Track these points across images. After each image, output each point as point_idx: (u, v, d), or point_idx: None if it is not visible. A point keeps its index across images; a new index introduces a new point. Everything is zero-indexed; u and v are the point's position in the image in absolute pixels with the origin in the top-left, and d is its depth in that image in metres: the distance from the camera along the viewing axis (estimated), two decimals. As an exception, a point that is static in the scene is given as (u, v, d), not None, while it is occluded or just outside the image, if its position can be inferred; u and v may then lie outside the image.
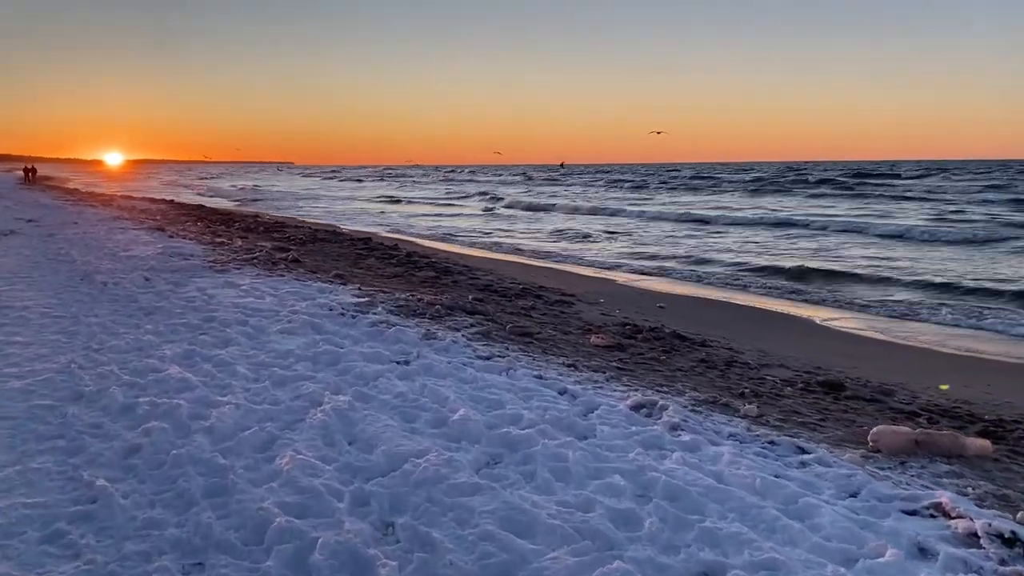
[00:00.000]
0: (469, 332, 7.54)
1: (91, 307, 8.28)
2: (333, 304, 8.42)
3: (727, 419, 5.10)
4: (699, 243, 22.06)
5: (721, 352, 7.80)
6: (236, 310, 7.98)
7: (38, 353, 6.27)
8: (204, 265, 11.58)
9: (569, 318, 9.42)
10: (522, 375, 5.75)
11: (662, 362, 7.07)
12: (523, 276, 14.16)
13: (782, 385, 6.47)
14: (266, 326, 7.27)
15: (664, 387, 5.97)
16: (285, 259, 13.20)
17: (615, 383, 5.92)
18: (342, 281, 10.90)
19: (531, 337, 7.69)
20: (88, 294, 9.11)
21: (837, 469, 3.98)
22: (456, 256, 17.39)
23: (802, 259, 17.75)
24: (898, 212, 31.90)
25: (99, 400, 5.01)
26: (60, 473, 3.86)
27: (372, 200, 48.21)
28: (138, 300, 8.62)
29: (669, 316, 10.26)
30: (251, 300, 8.60)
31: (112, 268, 10.98)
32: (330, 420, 4.48)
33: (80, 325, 7.35)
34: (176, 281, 9.99)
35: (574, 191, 57.11)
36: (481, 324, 8.04)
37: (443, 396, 5.03)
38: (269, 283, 9.96)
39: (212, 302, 8.48)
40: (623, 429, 4.51)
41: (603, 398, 5.26)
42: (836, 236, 22.87)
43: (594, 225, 28.91)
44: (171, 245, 14.23)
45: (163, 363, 5.88)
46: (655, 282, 14.63)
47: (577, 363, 6.55)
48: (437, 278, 12.95)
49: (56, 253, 13.04)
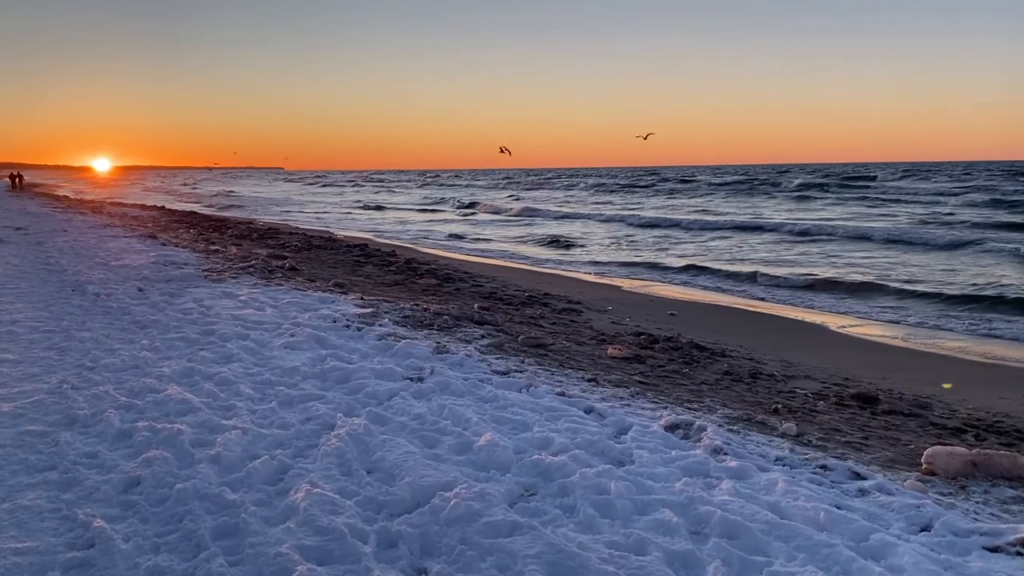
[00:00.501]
0: (481, 344, 7.21)
1: (83, 320, 7.91)
2: (337, 315, 8.07)
3: (767, 439, 4.78)
4: (698, 247, 21.84)
5: (743, 363, 7.49)
6: (236, 323, 7.62)
7: (28, 372, 5.90)
8: (199, 274, 11.21)
9: (580, 327, 9.10)
10: (544, 392, 5.42)
11: (685, 375, 6.76)
12: (525, 283, 13.84)
13: (814, 399, 6.16)
14: (268, 340, 6.92)
15: (693, 404, 5.65)
16: (282, 267, 12.84)
17: (641, 400, 5.59)
18: (342, 290, 10.55)
19: (545, 349, 7.36)
20: (80, 306, 8.74)
21: (901, 498, 3.66)
22: (456, 263, 17.07)
23: (813, 266, 17.50)
24: (886, 215, 31.79)
25: (94, 425, 4.66)
26: (53, 512, 3.51)
27: (347, 206, 47.62)
28: (132, 312, 8.26)
29: (682, 324, 9.96)
30: (251, 312, 8.24)
31: (104, 278, 10.60)
32: (345, 446, 4.14)
33: (72, 340, 6.98)
34: (171, 292, 9.62)
35: (555, 195, 57.09)
36: (492, 335, 7.71)
37: (464, 417, 4.69)
38: (268, 293, 9.60)
39: (210, 314, 8.12)
40: (662, 454, 4.18)
41: (633, 417, 4.93)
42: (840, 243, 22.60)
43: (578, 229, 28.70)
44: (164, 253, 13.83)
45: (161, 382, 5.52)
46: (660, 287, 14.32)
47: (597, 377, 6.22)
48: (439, 286, 12.63)
49: (46, 262, 12.64)
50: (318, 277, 12.32)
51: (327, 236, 22.51)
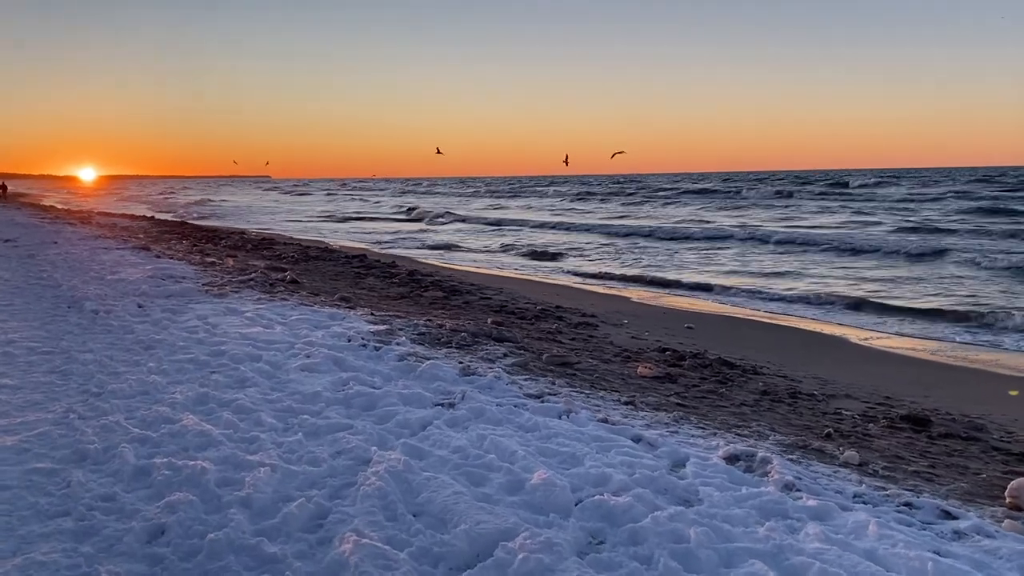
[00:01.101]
0: (505, 364, 6.87)
1: (83, 340, 7.51)
2: (350, 333, 7.70)
3: (831, 470, 4.47)
4: (701, 257, 21.62)
5: (777, 381, 7.18)
6: (246, 342, 7.25)
7: (30, 399, 5.52)
8: (199, 289, 10.81)
9: (601, 343, 8.78)
10: (585, 419, 5.08)
11: (722, 395, 6.44)
12: (533, 294, 13.52)
13: (862, 421, 5.86)
14: (283, 362, 6.55)
15: (741, 429, 5.34)
16: (283, 280, 12.46)
17: (686, 425, 5.27)
18: (350, 305, 10.19)
19: (571, 368, 7.04)
20: (78, 324, 8.34)
21: (1005, 542, 3.35)
22: (459, 274, 16.72)
23: (821, 278, 17.27)
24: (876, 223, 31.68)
25: (108, 462, 4.29)
26: (72, 568, 3.14)
27: (314, 216, 46.88)
28: (134, 331, 7.87)
29: (703, 338, 9.66)
30: (259, 330, 7.87)
31: (101, 293, 10.19)
32: (386, 486, 3.79)
33: (74, 363, 6.59)
34: (173, 308, 9.24)
35: (534, 204, 57.18)
36: (515, 353, 7.37)
37: (508, 450, 4.35)
38: (275, 309, 9.23)
39: (217, 333, 7.74)
40: (732, 491, 3.86)
41: (687, 447, 4.61)
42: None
43: (563, 238, 28.48)
44: (160, 266, 13.41)
45: (175, 411, 5.15)
46: (670, 299, 14.02)
47: (634, 400, 5.89)
48: (446, 298, 12.28)
49: (38, 276, 12.20)
50: (321, 291, 11.96)
51: (323, 247, 22.12)
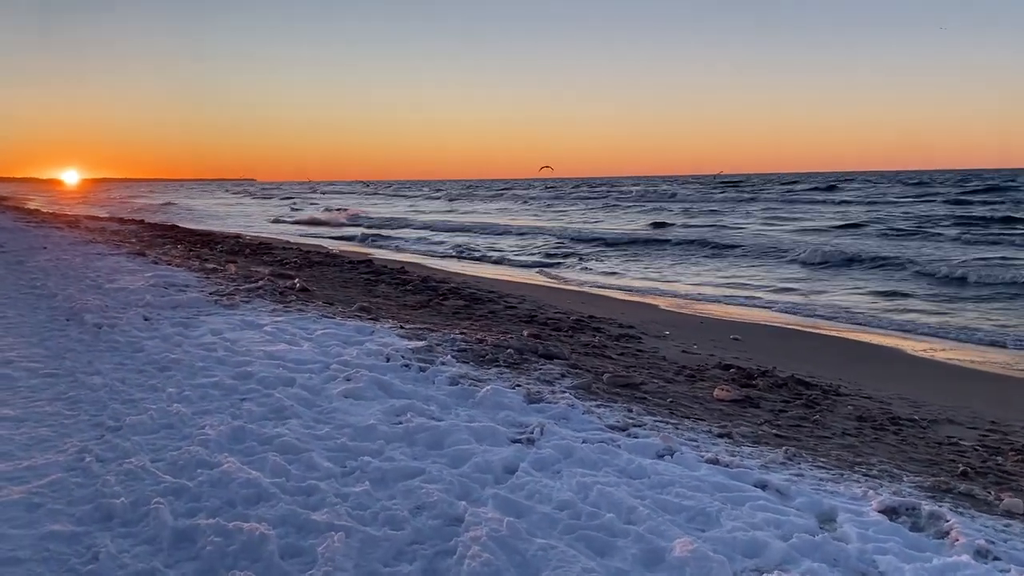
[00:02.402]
0: (567, 386, 6.15)
1: (89, 359, 6.73)
2: (386, 350, 6.94)
3: (1001, 523, 3.78)
4: (710, 265, 21.00)
5: (865, 404, 6.50)
6: (273, 363, 6.48)
7: (36, 435, 4.74)
8: (207, 299, 10.01)
9: (654, 359, 8.07)
10: (691, 459, 4.36)
11: (816, 423, 5.75)
12: (557, 302, 12.80)
13: (987, 454, 5.18)
14: (321, 386, 5.79)
15: (863, 466, 4.64)
16: (293, 288, 11.68)
17: (803, 463, 4.56)
18: (371, 316, 9.43)
19: (639, 390, 6.32)
20: (80, 340, 7.54)
21: None
22: (472, 280, 15.94)
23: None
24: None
25: (140, 522, 3.52)
26: None
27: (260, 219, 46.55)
28: (144, 348, 7.07)
29: (755, 351, 8.97)
30: (284, 347, 7.10)
31: (101, 304, 9.36)
32: (495, 559, 3.06)
33: (81, 388, 5.81)
34: (183, 321, 8.44)
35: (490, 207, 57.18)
36: (572, 373, 6.65)
37: (623, 504, 3.62)
38: (295, 322, 8.45)
39: (238, 350, 6.97)
40: (919, 562, 3.15)
41: (826, 496, 3.90)
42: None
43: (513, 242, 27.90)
44: (160, 273, 12.58)
45: (209, 450, 4.39)
46: (698, 305, 13.33)
47: (729, 431, 5.18)
48: (469, 307, 11.54)
49: (30, 285, 11.35)
50: (335, 300, 11.19)
51: (324, 251, 21.30)
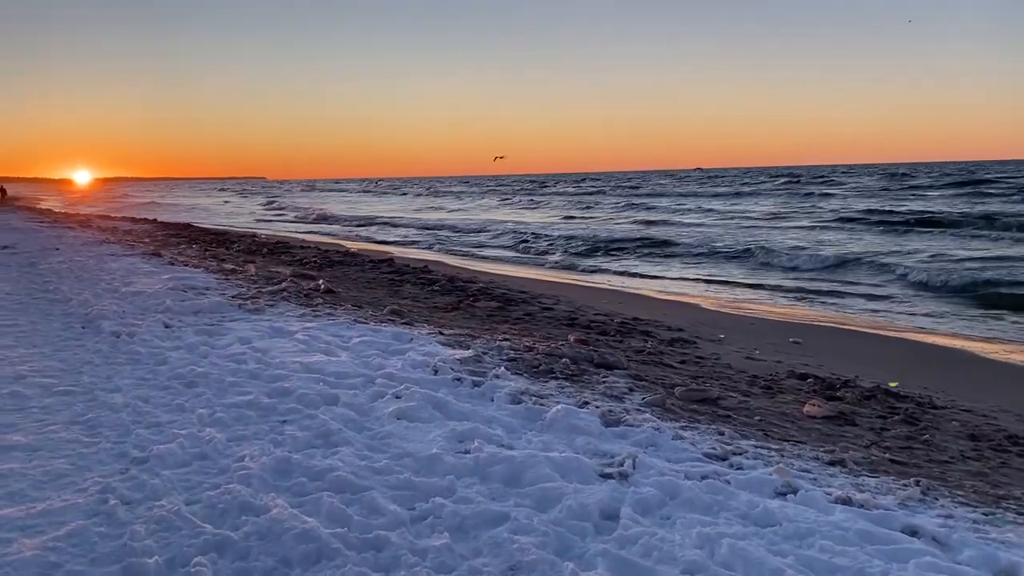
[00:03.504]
0: (639, 403, 5.50)
1: (108, 373, 6.13)
2: (432, 361, 6.31)
3: None
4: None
5: (968, 418, 5.85)
6: (310, 376, 5.86)
7: (51, 469, 4.13)
8: (229, 302, 9.41)
9: (716, 367, 7.42)
10: (818, 499, 3.70)
11: (925, 443, 5.09)
12: (595, 302, 12.15)
13: None
14: (368, 405, 5.17)
15: (1008, 501, 3.98)
16: (317, 290, 11.08)
17: (944, 500, 3.89)
18: (405, 321, 8.81)
19: (718, 406, 5.68)
20: (98, 351, 6.95)
21: None
22: (499, 278, 15.28)
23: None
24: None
25: (179, 588, 2.92)
26: None
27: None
28: (168, 361, 6.47)
29: (820, 354, 8.32)
30: (320, 358, 6.48)
31: (119, 310, 8.78)
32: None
33: (100, 408, 5.20)
34: (206, 328, 7.84)
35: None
36: (639, 387, 6.01)
37: (764, 565, 2.98)
38: (327, 329, 7.83)
39: (270, 362, 6.35)
40: None
41: (1000, 549, 3.24)
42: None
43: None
44: (178, 275, 12.00)
45: (252, 488, 3.77)
46: (744, 305, 12.64)
47: (840, 457, 4.52)
48: (504, 309, 10.92)
49: (43, 288, 10.79)
50: (363, 302, 10.59)
51: (343, 250, 20.71)
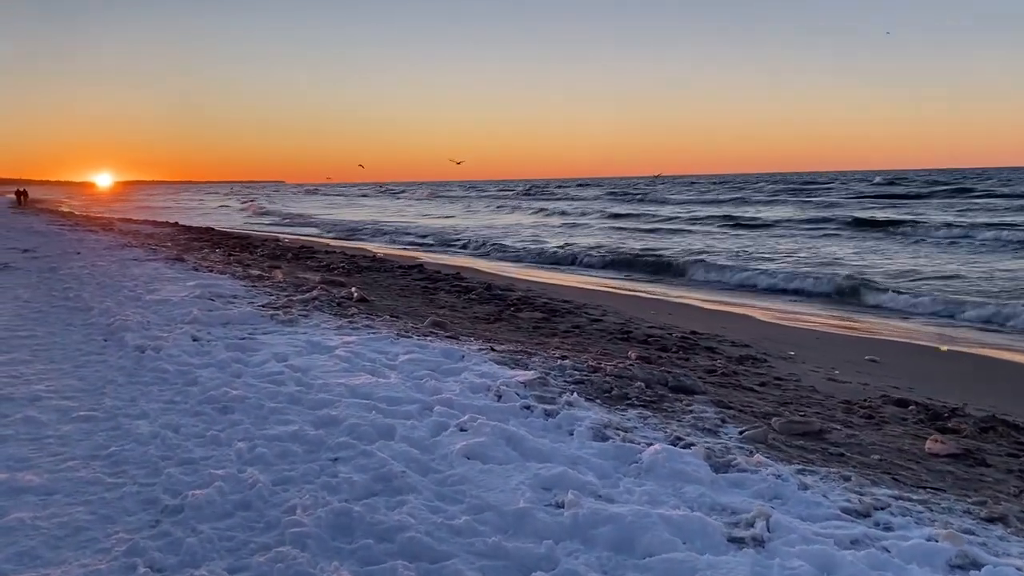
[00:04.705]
0: (736, 437, 4.79)
1: (132, 395, 5.50)
2: (495, 385, 5.61)
3: None
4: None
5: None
6: (360, 403, 5.18)
7: (68, 520, 3.48)
8: (260, 312, 8.78)
9: (801, 390, 6.69)
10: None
11: (1083, 491, 4.34)
12: (639, 312, 11.43)
13: None
14: (430, 440, 4.49)
15: None
16: (350, 298, 10.47)
17: None
18: (449, 334, 8.14)
19: (825, 441, 4.96)
20: (121, 367, 6.33)
21: None
22: (537, 286, 14.60)
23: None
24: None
25: None
26: None
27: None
28: (198, 380, 5.83)
29: (904, 376, 7.60)
30: (367, 379, 5.80)
31: (143, 320, 8.17)
32: None
33: (125, 438, 4.57)
34: (238, 343, 7.20)
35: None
36: (731, 417, 5.29)
37: None
38: (369, 343, 7.17)
39: (311, 383, 5.70)
40: None
41: None
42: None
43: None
44: (203, 282, 11.40)
45: (310, 554, 3.09)
46: (801, 318, 11.85)
47: (998, 512, 3.79)
48: (549, 321, 10.25)
49: (63, 296, 10.22)
50: (399, 311, 9.96)
51: (370, 255, 20.12)
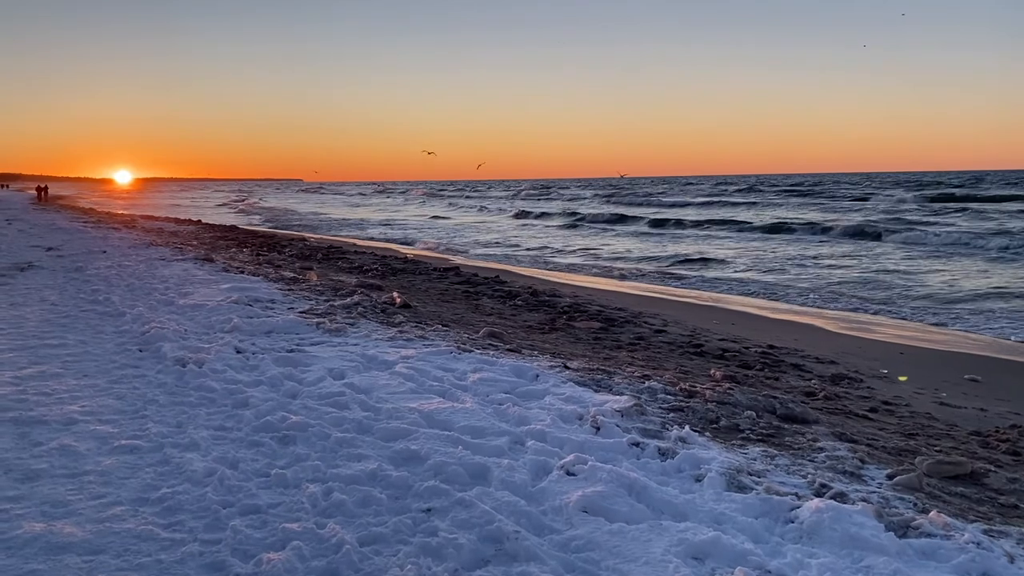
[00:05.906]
0: (887, 483, 4.08)
1: (178, 418, 4.87)
2: (586, 413, 4.93)
3: None
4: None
5: None
6: (437, 433, 4.52)
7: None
8: (303, 320, 8.14)
9: (918, 418, 5.97)
10: None
11: None
12: (700, 322, 10.71)
13: None
14: (533, 485, 3.81)
15: None
16: (392, 304, 9.86)
17: None
18: (511, 348, 7.48)
19: (983, 487, 4.27)
20: (161, 384, 5.70)
21: None
22: (583, 292, 13.89)
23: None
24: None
25: None
26: None
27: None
28: (249, 402, 5.19)
29: (1015, 399, 6.82)
30: (440, 403, 5.14)
31: (179, 328, 7.56)
32: None
33: (176, 476, 3.93)
34: (287, 356, 6.56)
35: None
36: (868, 456, 4.58)
37: None
38: (429, 358, 6.50)
39: (378, 407, 5.04)
40: None
41: None
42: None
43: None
44: (237, 285, 10.80)
45: (428, 651, 2.43)
46: (881, 329, 11.05)
47: None
48: (607, 331, 9.59)
49: (92, 299, 9.65)
50: (447, 319, 9.32)
51: (402, 257, 19.50)
